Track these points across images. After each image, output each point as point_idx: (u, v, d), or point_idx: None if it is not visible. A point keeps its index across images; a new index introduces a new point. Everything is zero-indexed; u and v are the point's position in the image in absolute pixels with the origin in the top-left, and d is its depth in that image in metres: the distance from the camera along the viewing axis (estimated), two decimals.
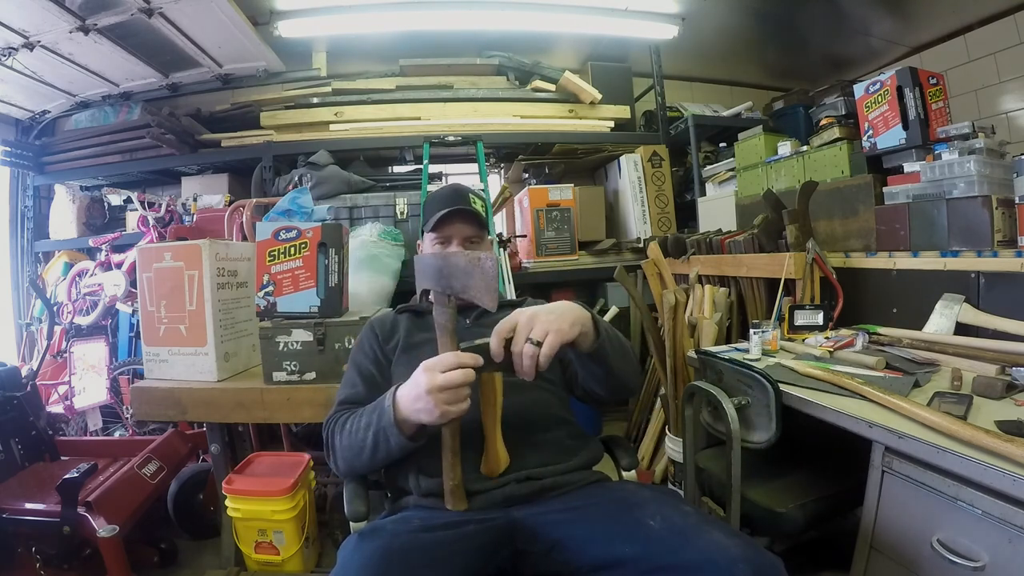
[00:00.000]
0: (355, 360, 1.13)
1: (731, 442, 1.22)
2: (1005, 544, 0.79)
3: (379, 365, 1.10)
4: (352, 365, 1.13)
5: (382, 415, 0.88)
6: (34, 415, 1.87)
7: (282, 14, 2.69)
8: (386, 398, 0.89)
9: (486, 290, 0.83)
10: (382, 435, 0.88)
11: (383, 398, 0.90)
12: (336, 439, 0.97)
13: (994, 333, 1.41)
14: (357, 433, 0.92)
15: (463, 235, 1.16)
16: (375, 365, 1.11)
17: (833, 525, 1.42)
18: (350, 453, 0.94)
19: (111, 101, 3.06)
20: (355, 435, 0.92)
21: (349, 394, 1.06)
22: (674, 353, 1.80)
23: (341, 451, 0.96)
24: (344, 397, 1.06)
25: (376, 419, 0.89)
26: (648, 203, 3.07)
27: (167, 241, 2.52)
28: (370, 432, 0.89)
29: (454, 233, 1.15)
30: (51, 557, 1.50)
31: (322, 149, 2.85)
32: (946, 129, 1.75)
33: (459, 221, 1.15)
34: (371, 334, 1.16)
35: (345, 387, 1.09)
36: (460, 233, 1.15)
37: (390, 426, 0.86)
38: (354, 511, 0.97)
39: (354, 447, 0.92)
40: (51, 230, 3.15)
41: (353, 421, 0.95)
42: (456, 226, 1.15)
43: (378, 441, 0.88)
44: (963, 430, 0.86)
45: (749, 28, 3.16)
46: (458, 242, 1.14)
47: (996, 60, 2.58)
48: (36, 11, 2.20)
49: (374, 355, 1.12)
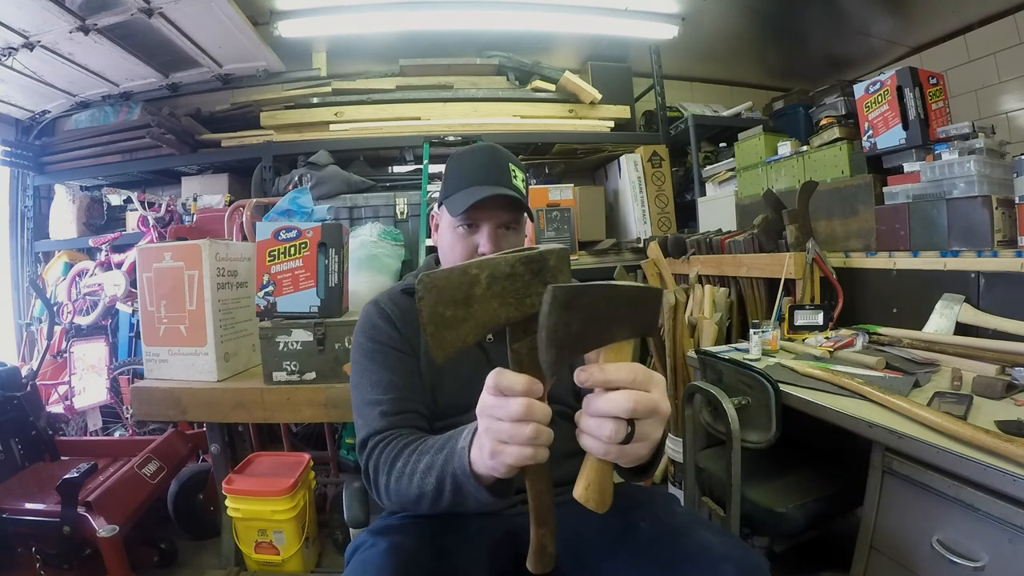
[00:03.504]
0: (369, 351, 0.88)
1: (731, 442, 1.22)
2: (1005, 544, 0.79)
3: (411, 349, 0.88)
4: (366, 358, 0.88)
5: (451, 458, 0.65)
6: (34, 415, 1.87)
7: (282, 14, 2.69)
8: (459, 436, 0.66)
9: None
10: (449, 483, 0.66)
11: (454, 435, 0.67)
12: (382, 479, 0.77)
13: (994, 333, 1.41)
14: (413, 477, 0.71)
15: (498, 221, 0.90)
16: (405, 346, 0.88)
17: (833, 525, 1.43)
18: (403, 499, 0.74)
19: (111, 101, 3.05)
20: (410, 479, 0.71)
21: (382, 397, 0.83)
22: (674, 353, 1.80)
23: (388, 494, 0.76)
24: (374, 401, 0.83)
25: (442, 462, 0.67)
26: (648, 203, 3.07)
27: (167, 241, 2.52)
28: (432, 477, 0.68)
29: (485, 219, 0.90)
30: (51, 557, 1.50)
31: (322, 149, 2.85)
32: (946, 129, 1.75)
33: (496, 205, 0.90)
34: (382, 319, 0.91)
35: (370, 389, 0.85)
36: (495, 220, 0.90)
37: (465, 475, 0.62)
38: (353, 517, 0.93)
39: (409, 495, 0.72)
40: (51, 230, 3.15)
41: (407, 458, 0.74)
42: (490, 211, 0.89)
43: (442, 489, 0.67)
44: (963, 430, 0.86)
45: (749, 28, 3.16)
46: (490, 231, 0.90)
47: (996, 60, 2.58)
48: (36, 11, 2.20)
49: (399, 339, 0.88)
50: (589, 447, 0.51)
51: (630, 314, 0.52)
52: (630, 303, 0.52)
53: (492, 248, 0.88)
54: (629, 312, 0.52)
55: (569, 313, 0.47)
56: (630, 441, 0.50)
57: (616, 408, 0.49)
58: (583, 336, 0.49)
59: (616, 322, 0.51)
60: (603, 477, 0.54)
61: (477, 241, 0.90)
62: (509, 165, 0.92)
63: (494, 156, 0.93)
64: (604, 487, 0.54)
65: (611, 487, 0.55)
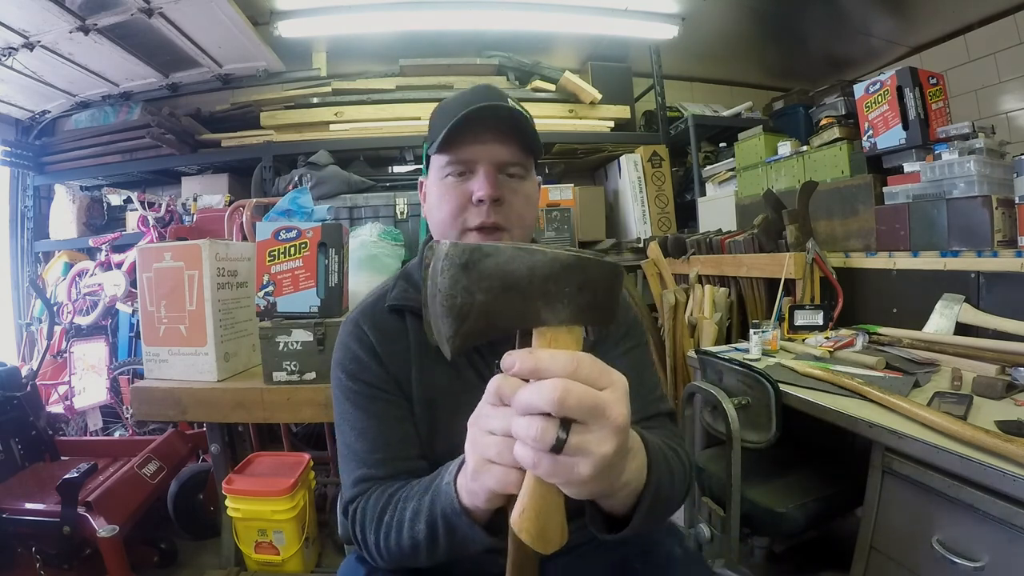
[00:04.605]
0: (350, 393, 0.72)
1: (731, 442, 1.22)
2: (1005, 544, 0.79)
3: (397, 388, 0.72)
4: (347, 400, 0.72)
5: (437, 497, 0.56)
6: (34, 415, 1.87)
7: (282, 14, 2.69)
8: (445, 471, 0.57)
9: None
10: (442, 526, 0.56)
11: (441, 471, 0.58)
12: (370, 537, 0.65)
13: (994, 333, 1.41)
14: (402, 528, 0.61)
15: (497, 160, 0.69)
16: (391, 387, 0.72)
17: (833, 525, 1.43)
18: (397, 555, 0.63)
19: (111, 101, 3.06)
20: (399, 531, 0.61)
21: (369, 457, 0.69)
22: (674, 353, 1.80)
23: (380, 552, 0.65)
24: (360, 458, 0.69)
25: (429, 503, 0.58)
26: (648, 203, 3.07)
27: (167, 241, 2.52)
28: (421, 523, 0.58)
29: (480, 156, 0.69)
30: (51, 557, 1.50)
31: (322, 149, 2.85)
32: (946, 129, 1.75)
33: (490, 133, 0.68)
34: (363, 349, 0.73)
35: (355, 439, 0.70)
36: (492, 156, 0.69)
37: (455, 514, 0.53)
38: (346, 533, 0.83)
39: (403, 549, 0.61)
40: (51, 230, 3.15)
41: (394, 508, 0.63)
42: (485, 145, 0.69)
43: (435, 535, 0.57)
44: (963, 430, 0.86)
45: (749, 28, 3.16)
46: (486, 170, 0.69)
47: (996, 60, 2.58)
48: (36, 11, 2.20)
49: (384, 378, 0.71)
50: (518, 456, 0.40)
51: (570, 292, 0.40)
52: (568, 277, 0.40)
53: (491, 192, 0.68)
54: (567, 289, 0.40)
55: (468, 276, 0.39)
56: (561, 450, 0.38)
57: (539, 398, 0.37)
58: (493, 311, 0.40)
59: (545, 299, 0.40)
60: (542, 504, 0.41)
61: (471, 188, 0.69)
62: (508, 100, 0.71)
63: (488, 89, 0.73)
64: (544, 517, 0.42)
65: (558, 520, 0.42)
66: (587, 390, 0.38)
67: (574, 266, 0.40)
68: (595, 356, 0.40)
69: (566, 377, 0.38)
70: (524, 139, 0.70)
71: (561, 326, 0.41)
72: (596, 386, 0.39)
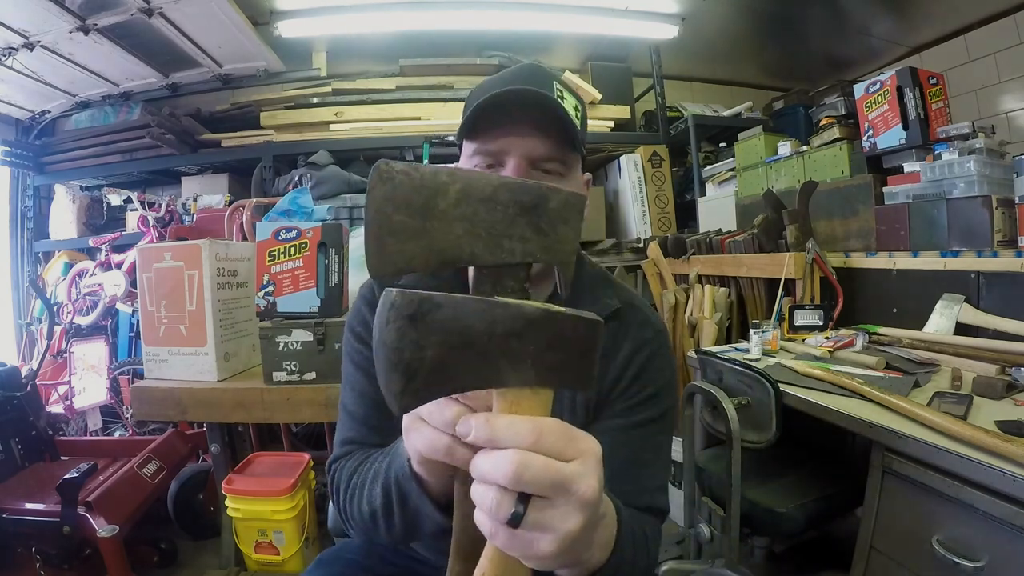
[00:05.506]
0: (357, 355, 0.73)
1: (731, 442, 1.22)
2: (1005, 544, 0.79)
3: None
4: (352, 363, 0.74)
5: (394, 459, 0.54)
6: (34, 415, 1.87)
7: (282, 14, 2.70)
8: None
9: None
10: (395, 492, 0.54)
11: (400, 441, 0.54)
12: (342, 497, 0.64)
13: (994, 333, 1.41)
14: (363, 490, 0.59)
15: (531, 153, 0.61)
16: None
17: (833, 525, 1.43)
18: (359, 521, 0.61)
19: (111, 101, 3.06)
20: (361, 492, 0.59)
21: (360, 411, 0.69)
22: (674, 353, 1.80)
23: (346, 516, 0.64)
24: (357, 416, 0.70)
25: (386, 466, 0.55)
26: (648, 203, 3.07)
27: (167, 241, 2.52)
28: (378, 486, 0.56)
29: (511, 148, 0.61)
30: (51, 557, 1.50)
31: (322, 149, 2.85)
32: (946, 129, 1.75)
33: (525, 121, 0.60)
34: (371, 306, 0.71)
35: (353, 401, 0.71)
36: (524, 149, 0.61)
37: (406, 478, 0.51)
38: (336, 526, 0.82)
39: (363, 513, 0.59)
40: (51, 230, 3.15)
41: (361, 468, 0.62)
42: (518, 135, 0.60)
43: (389, 502, 0.55)
44: (963, 430, 0.86)
45: (749, 28, 3.16)
46: (516, 163, 0.61)
47: (996, 60, 2.58)
48: (36, 11, 2.20)
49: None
50: (478, 522, 0.37)
51: (536, 351, 0.36)
52: (534, 334, 0.35)
53: None
54: (533, 347, 0.36)
55: (416, 330, 0.34)
56: (518, 525, 0.34)
57: (493, 471, 0.34)
58: (446, 369, 0.35)
59: (507, 358, 0.36)
60: (502, 570, 0.38)
61: None
62: (554, 83, 0.62)
63: (533, 70, 0.64)
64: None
65: None
66: (548, 463, 0.34)
67: (541, 321, 0.36)
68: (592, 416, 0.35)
69: (526, 448, 0.34)
70: (564, 130, 0.60)
71: (525, 388, 0.37)
72: (562, 457, 0.35)
